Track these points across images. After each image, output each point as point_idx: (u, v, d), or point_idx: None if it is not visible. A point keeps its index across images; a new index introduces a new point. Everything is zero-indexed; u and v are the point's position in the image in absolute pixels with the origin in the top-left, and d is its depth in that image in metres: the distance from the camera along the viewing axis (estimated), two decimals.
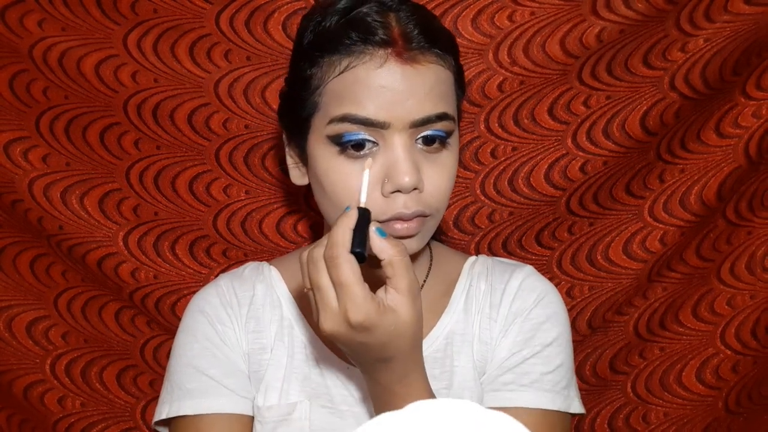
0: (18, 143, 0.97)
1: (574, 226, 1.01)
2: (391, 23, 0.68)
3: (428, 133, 0.69)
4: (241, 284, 0.83)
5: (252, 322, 0.81)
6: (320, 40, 0.70)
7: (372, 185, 0.68)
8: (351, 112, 0.67)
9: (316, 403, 0.77)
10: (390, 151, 0.68)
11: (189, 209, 1.00)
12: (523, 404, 0.75)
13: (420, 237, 0.71)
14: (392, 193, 0.68)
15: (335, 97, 0.68)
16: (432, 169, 0.70)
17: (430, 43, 0.68)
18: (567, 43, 0.93)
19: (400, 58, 0.67)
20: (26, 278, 1.02)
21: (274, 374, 0.78)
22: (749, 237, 1.04)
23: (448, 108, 0.70)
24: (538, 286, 0.81)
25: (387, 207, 0.68)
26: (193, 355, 0.79)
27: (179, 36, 0.94)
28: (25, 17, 0.93)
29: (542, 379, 0.76)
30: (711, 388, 1.06)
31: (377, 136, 0.68)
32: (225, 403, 0.76)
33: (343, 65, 0.68)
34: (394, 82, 0.67)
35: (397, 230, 0.69)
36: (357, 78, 0.67)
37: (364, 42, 0.67)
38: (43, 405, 1.05)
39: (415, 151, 0.69)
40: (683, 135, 0.99)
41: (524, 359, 0.77)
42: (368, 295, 0.60)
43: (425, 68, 0.68)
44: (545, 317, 0.79)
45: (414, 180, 0.67)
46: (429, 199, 0.70)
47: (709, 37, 0.93)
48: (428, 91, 0.68)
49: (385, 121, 0.67)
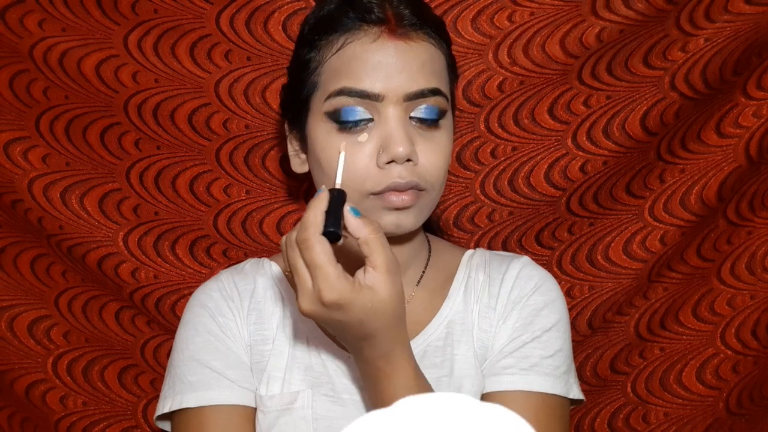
0: (18, 143, 0.97)
1: (574, 226, 1.01)
2: (385, 5, 0.73)
3: (422, 107, 0.72)
4: (242, 278, 0.84)
5: (254, 314, 0.82)
6: (319, 23, 0.75)
7: (368, 158, 0.71)
8: (347, 85, 0.71)
9: (319, 392, 0.77)
10: (385, 124, 0.71)
11: (189, 209, 1.00)
12: (523, 387, 0.76)
13: (415, 212, 0.73)
14: (387, 164, 0.71)
15: (333, 74, 0.72)
16: (426, 145, 0.73)
17: (421, 21, 0.73)
18: (567, 43, 0.93)
19: (393, 35, 0.72)
20: (27, 278, 1.03)
21: (276, 364, 0.79)
22: (750, 237, 1.03)
23: (441, 85, 0.73)
24: (536, 275, 0.83)
25: (382, 178, 0.71)
26: (195, 348, 0.79)
27: (180, 36, 0.94)
28: (25, 17, 0.93)
29: (542, 363, 0.77)
30: (711, 388, 1.06)
31: (372, 110, 0.71)
32: (227, 395, 0.77)
33: (340, 42, 0.72)
34: (387, 56, 0.71)
35: (392, 201, 0.71)
36: (353, 53, 0.71)
37: (360, 20, 0.72)
38: (44, 404, 1.05)
39: (410, 126, 0.72)
40: (683, 135, 0.98)
41: (524, 343, 0.78)
42: (341, 274, 0.62)
43: (417, 45, 0.72)
44: (543, 304, 0.80)
45: (408, 150, 0.70)
46: (423, 173, 0.72)
47: (709, 37, 0.93)
48: (420, 66, 0.72)
49: (380, 93, 0.70)
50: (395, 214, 0.73)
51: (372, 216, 0.72)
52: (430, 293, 0.83)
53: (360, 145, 0.71)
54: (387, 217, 0.73)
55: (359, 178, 0.71)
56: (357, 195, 0.71)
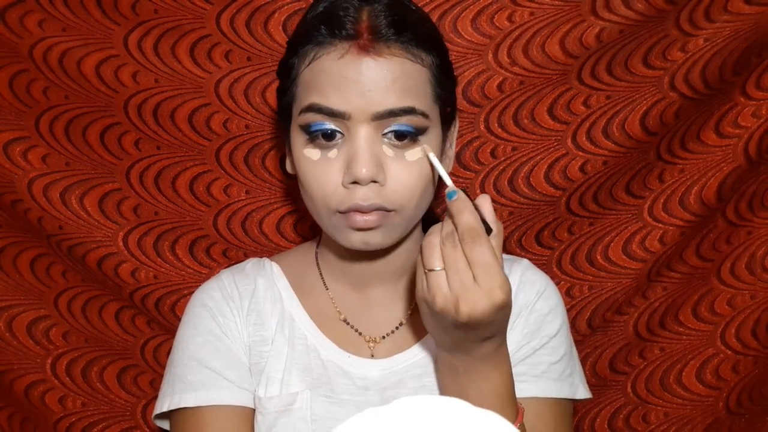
0: (18, 143, 0.97)
1: (574, 226, 1.01)
2: (362, 17, 0.69)
3: (395, 127, 0.69)
4: (242, 278, 0.84)
5: (253, 314, 0.81)
6: (299, 31, 0.74)
7: (336, 174, 0.70)
8: (316, 101, 0.69)
9: (318, 393, 0.77)
10: (352, 142, 0.69)
11: (189, 209, 1.00)
12: (535, 394, 0.77)
13: (384, 232, 0.72)
14: (351, 184, 0.69)
15: (305, 87, 0.71)
16: (398, 164, 0.70)
17: (396, 35, 0.69)
18: (567, 44, 0.93)
19: (363, 50, 0.68)
20: (26, 278, 1.03)
21: (274, 365, 0.79)
22: (749, 237, 1.03)
23: (417, 103, 0.69)
24: (538, 280, 0.83)
25: (346, 197, 0.70)
26: (195, 348, 0.79)
27: (180, 36, 0.94)
28: (25, 17, 0.93)
29: (550, 369, 0.79)
30: (711, 388, 1.06)
31: (342, 126, 0.69)
32: (226, 395, 0.77)
33: (312, 55, 0.70)
34: (354, 72, 0.67)
35: (356, 221, 0.70)
36: (322, 68, 0.69)
37: (330, 35, 0.69)
38: (44, 404, 1.05)
39: (381, 144, 0.70)
40: (683, 135, 0.99)
41: (534, 350, 0.79)
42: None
43: (388, 61, 0.68)
44: (548, 309, 0.81)
45: (371, 173, 0.68)
46: (391, 195, 0.70)
47: (709, 37, 0.93)
48: (391, 84, 0.68)
49: (346, 111, 0.68)
50: (361, 234, 0.71)
51: (341, 232, 0.72)
52: None
53: (329, 161, 0.70)
54: (353, 235, 0.71)
55: (327, 195, 0.70)
56: (324, 210, 0.71)
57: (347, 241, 0.72)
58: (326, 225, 0.74)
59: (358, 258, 0.79)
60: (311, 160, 0.71)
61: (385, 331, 0.81)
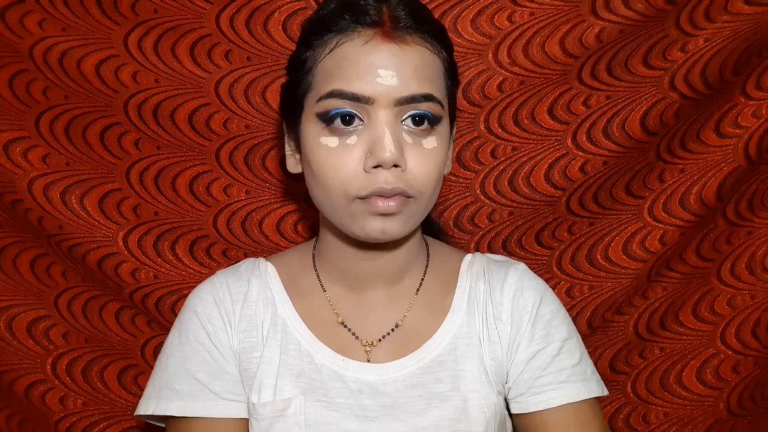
0: (18, 143, 0.97)
1: (574, 226, 1.01)
2: (383, 7, 0.72)
3: (413, 112, 0.70)
4: (236, 280, 0.83)
5: (245, 320, 0.81)
6: (316, 23, 0.74)
7: (356, 161, 0.70)
8: (338, 87, 0.70)
9: (311, 398, 0.77)
10: (374, 127, 0.70)
11: (189, 209, 1.00)
12: (568, 400, 0.78)
13: (402, 219, 0.72)
14: (374, 168, 0.69)
15: (325, 75, 0.71)
16: (417, 151, 0.71)
17: (417, 25, 0.71)
18: (567, 44, 0.93)
19: (387, 37, 0.70)
20: (26, 278, 1.03)
21: (266, 371, 0.78)
22: (749, 237, 1.04)
23: (435, 91, 0.71)
24: (534, 285, 0.83)
25: (368, 182, 0.70)
26: (183, 357, 0.79)
27: (180, 36, 0.94)
28: (25, 17, 0.93)
29: (574, 372, 0.79)
30: (711, 388, 1.06)
31: (363, 112, 0.70)
32: (211, 407, 0.77)
33: (333, 43, 0.71)
34: (379, 58, 0.69)
35: (378, 207, 0.70)
36: (345, 55, 0.70)
37: (354, 22, 0.71)
38: (44, 405, 1.05)
39: (401, 131, 0.71)
40: (683, 135, 0.99)
41: (552, 357, 0.79)
42: None
43: (411, 48, 0.70)
44: (551, 314, 0.81)
45: (395, 155, 0.68)
46: (412, 180, 0.71)
47: (709, 37, 0.93)
48: (414, 71, 0.70)
49: (370, 96, 0.69)
50: (380, 220, 0.71)
51: (358, 221, 0.72)
52: (431, 302, 0.82)
53: (348, 147, 0.70)
54: (372, 222, 0.71)
55: (346, 181, 0.70)
56: (343, 198, 0.71)
57: (363, 231, 0.72)
58: (341, 215, 0.73)
59: (360, 257, 0.79)
60: (328, 148, 0.71)
61: (382, 334, 0.81)
